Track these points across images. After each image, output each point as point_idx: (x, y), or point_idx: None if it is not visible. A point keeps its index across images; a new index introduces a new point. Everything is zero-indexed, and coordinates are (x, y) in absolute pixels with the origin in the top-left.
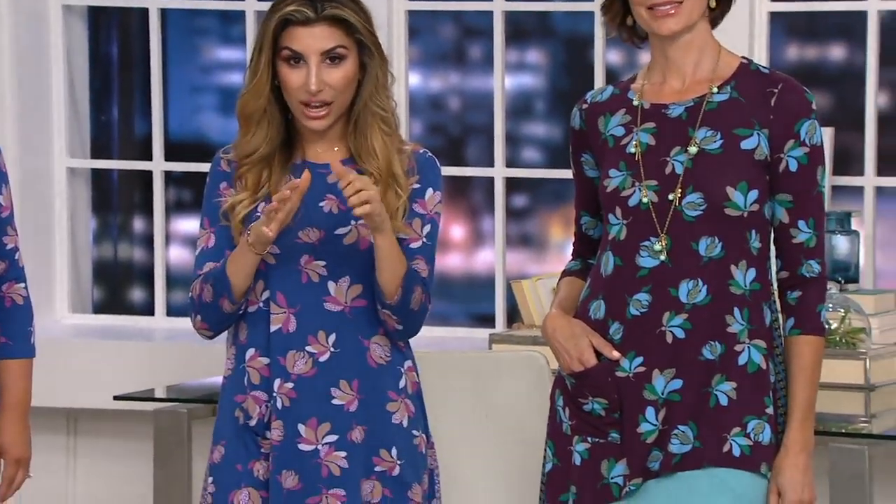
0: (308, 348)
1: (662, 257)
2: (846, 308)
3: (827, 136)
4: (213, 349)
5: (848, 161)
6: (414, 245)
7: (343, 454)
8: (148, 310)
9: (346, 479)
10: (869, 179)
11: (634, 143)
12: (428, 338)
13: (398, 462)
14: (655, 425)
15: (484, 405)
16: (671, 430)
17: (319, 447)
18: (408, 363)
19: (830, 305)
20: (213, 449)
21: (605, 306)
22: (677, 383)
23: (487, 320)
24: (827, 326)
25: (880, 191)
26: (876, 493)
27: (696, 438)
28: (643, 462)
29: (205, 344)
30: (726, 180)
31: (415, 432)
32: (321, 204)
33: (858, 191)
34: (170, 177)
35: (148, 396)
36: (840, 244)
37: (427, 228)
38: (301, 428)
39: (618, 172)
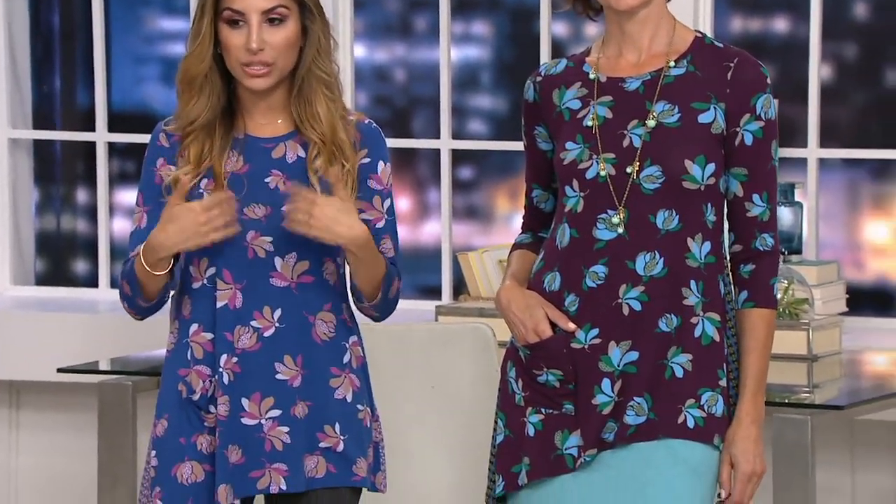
0: (253, 323)
1: (620, 230)
2: (789, 279)
3: None
4: (158, 322)
5: (791, 133)
6: (379, 225)
7: (286, 429)
8: (92, 281)
9: (289, 453)
10: (812, 151)
11: (591, 116)
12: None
13: (342, 437)
14: (611, 397)
15: (430, 377)
16: (627, 401)
17: (263, 421)
18: (353, 338)
19: None
20: (157, 422)
21: (560, 278)
22: (633, 355)
23: (433, 292)
24: (776, 298)
25: (823, 162)
26: (819, 463)
27: (651, 410)
28: (598, 433)
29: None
30: (684, 154)
31: (359, 406)
32: (266, 180)
33: (801, 162)
34: (113, 148)
35: (92, 369)
36: (783, 215)
37: (387, 203)
38: (245, 402)
39: (575, 145)
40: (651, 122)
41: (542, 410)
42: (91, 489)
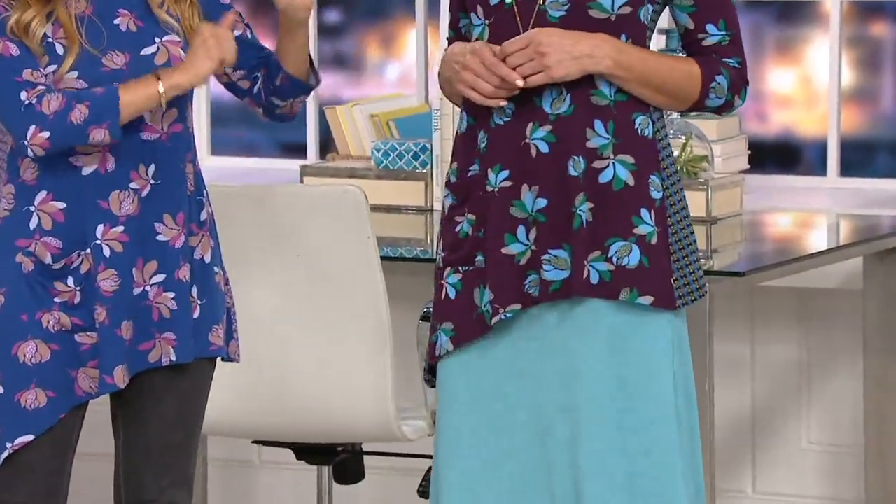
0: (132, 185)
1: None
2: (687, 134)
3: None
4: None
5: None
6: (248, 34)
7: (171, 294)
8: None
9: (177, 321)
10: None
11: None
12: (231, 169)
13: (199, 302)
14: (527, 245)
15: (295, 246)
16: (541, 253)
17: (147, 288)
18: (205, 191)
19: (672, 131)
20: None
21: (468, 114)
22: (542, 202)
23: (297, 150)
24: (709, 103)
25: None
26: (717, 334)
27: (569, 263)
28: (520, 287)
29: None
30: None
31: (216, 269)
32: (116, 22)
33: None
34: None
35: None
36: None
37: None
38: (133, 272)
39: None
40: None
41: (460, 269)
42: None
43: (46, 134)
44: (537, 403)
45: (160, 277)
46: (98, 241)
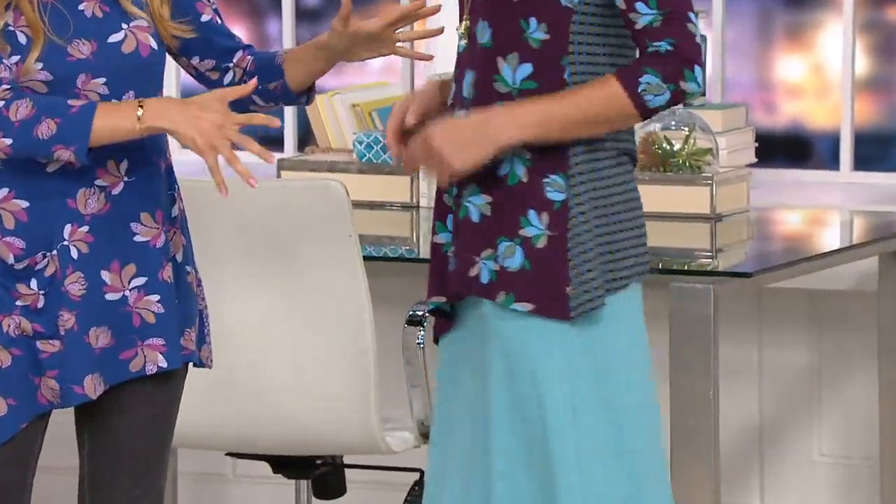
0: (98, 182)
1: (463, 42)
2: (690, 125)
3: None
4: None
5: None
6: (217, 20)
7: (156, 297)
8: None
9: (163, 325)
10: None
11: None
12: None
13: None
14: (450, 233)
15: (271, 244)
16: (453, 244)
17: (127, 293)
18: (177, 186)
19: (674, 123)
20: None
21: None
22: (455, 190)
23: (274, 143)
24: (651, 104)
25: None
26: (722, 338)
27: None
28: (441, 279)
29: None
30: None
31: (188, 268)
32: (80, 8)
33: None
34: None
35: None
36: None
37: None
38: (105, 275)
39: None
40: None
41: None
42: None
43: (9, 141)
44: (471, 391)
45: (140, 281)
46: (66, 242)
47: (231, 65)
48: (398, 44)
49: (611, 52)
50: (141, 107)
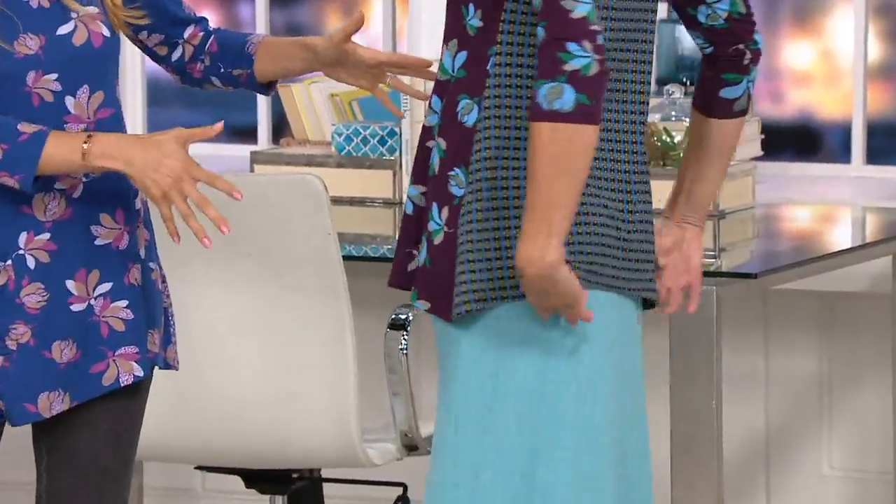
0: (57, 186)
1: None
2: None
3: None
4: None
5: None
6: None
7: (123, 303)
8: None
9: (133, 331)
10: None
11: None
12: None
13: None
14: (440, 224)
15: (244, 242)
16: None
17: (92, 302)
18: None
19: (674, 114)
20: None
21: None
22: (414, 190)
23: (248, 135)
24: (567, 106)
25: None
26: (725, 343)
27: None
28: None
29: None
30: None
31: (151, 265)
32: None
33: None
34: None
35: None
36: (684, 36)
37: None
38: (70, 285)
39: None
40: None
41: None
42: None
43: None
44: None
45: (106, 287)
46: (21, 252)
47: (181, 41)
48: (380, 85)
49: (534, 50)
50: (87, 142)
